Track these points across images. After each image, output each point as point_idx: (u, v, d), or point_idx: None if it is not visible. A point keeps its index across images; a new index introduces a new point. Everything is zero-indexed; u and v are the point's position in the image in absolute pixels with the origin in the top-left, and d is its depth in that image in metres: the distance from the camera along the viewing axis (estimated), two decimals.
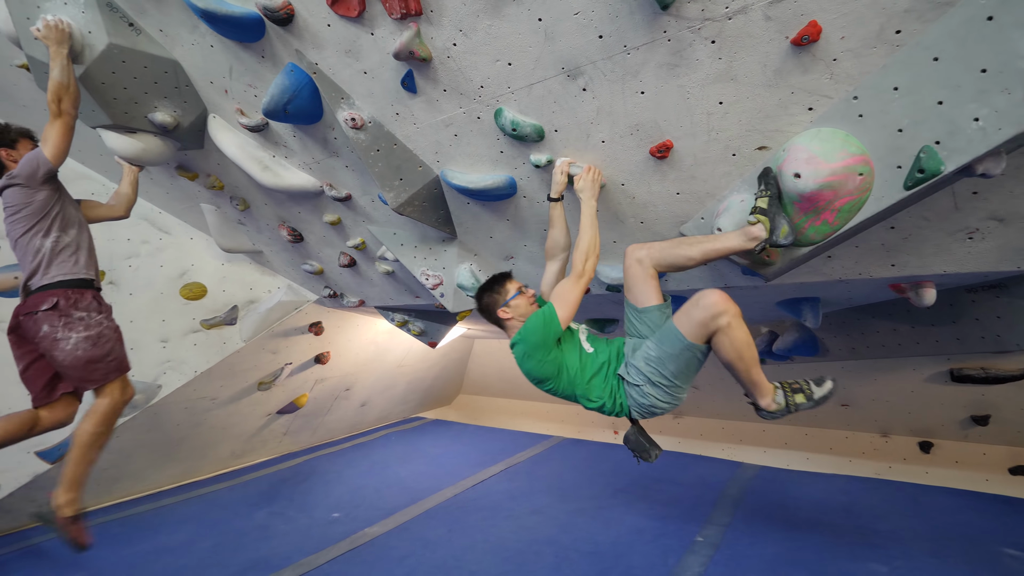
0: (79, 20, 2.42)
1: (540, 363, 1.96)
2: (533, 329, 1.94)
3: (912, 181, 1.52)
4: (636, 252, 1.98)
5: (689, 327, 1.80)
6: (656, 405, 1.93)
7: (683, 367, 1.85)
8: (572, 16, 1.74)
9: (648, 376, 1.89)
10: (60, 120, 2.32)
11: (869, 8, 1.43)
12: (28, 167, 2.33)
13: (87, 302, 2.40)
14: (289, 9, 2.10)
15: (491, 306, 2.11)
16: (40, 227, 2.37)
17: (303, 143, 2.78)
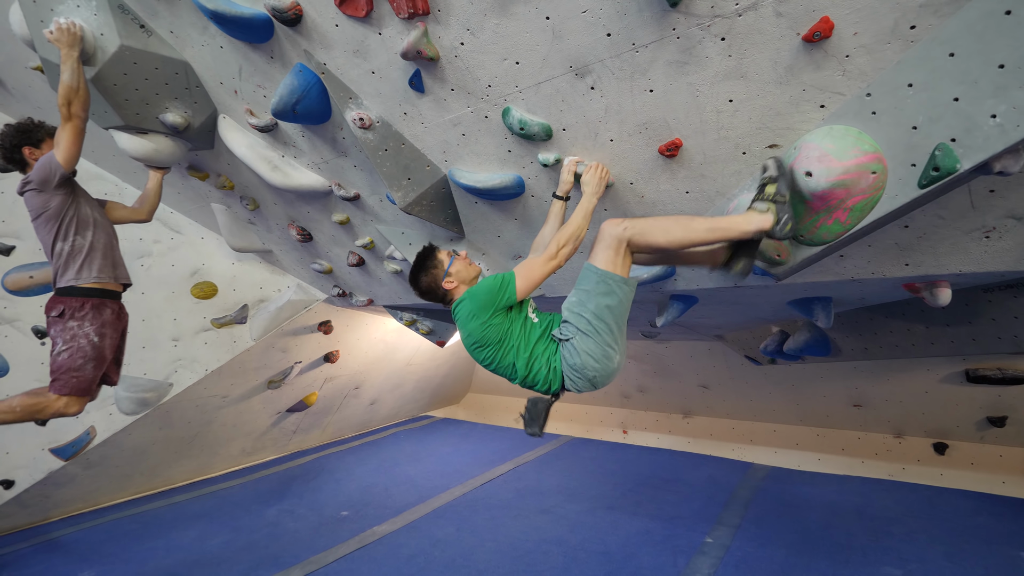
0: (91, 22, 2.45)
1: (484, 325, 1.87)
2: (486, 288, 1.87)
3: (927, 179, 1.49)
4: (616, 225, 1.82)
5: (599, 257, 1.81)
6: (586, 364, 1.81)
7: (605, 304, 1.79)
8: (580, 14, 1.73)
9: (575, 323, 1.84)
10: (70, 124, 2.34)
11: (883, 3, 1.41)
12: (41, 172, 2.38)
13: (83, 313, 2.46)
14: (297, 10, 2.10)
15: (434, 283, 2.01)
16: (59, 231, 2.44)
17: (312, 143, 2.79)
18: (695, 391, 5.64)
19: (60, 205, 2.43)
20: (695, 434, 5.88)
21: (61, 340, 2.42)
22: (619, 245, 1.78)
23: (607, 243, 1.79)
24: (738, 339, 4.22)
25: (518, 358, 1.92)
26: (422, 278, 2.04)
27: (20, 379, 3.86)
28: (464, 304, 1.92)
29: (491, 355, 1.94)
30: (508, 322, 1.91)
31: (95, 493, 4.27)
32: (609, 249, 1.79)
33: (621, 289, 1.81)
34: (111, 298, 2.61)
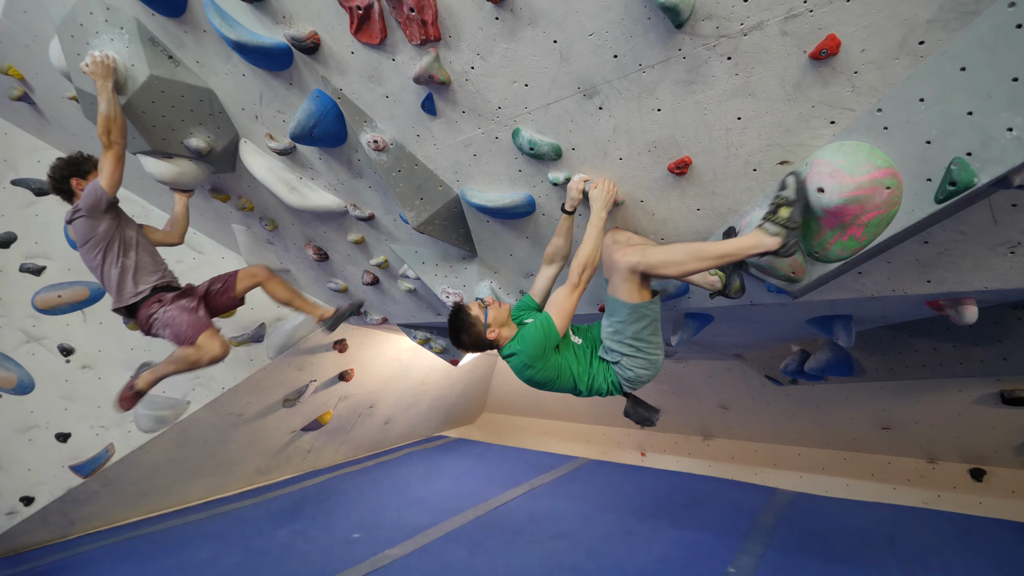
0: (124, 54, 2.58)
1: (540, 371, 2.06)
2: (533, 342, 2.02)
3: (944, 194, 1.46)
4: (629, 258, 1.91)
5: (621, 291, 1.95)
6: (640, 375, 2.06)
7: (640, 328, 1.98)
8: (587, 37, 1.76)
9: (619, 350, 2.04)
10: (111, 151, 2.49)
11: (889, 20, 1.40)
12: (90, 199, 2.53)
13: (152, 311, 2.70)
14: (315, 38, 2.18)
15: (479, 338, 2.11)
16: (107, 254, 2.62)
17: (328, 165, 2.86)
18: (715, 412, 5.51)
19: (107, 230, 2.60)
20: (716, 457, 5.72)
21: (164, 331, 2.69)
22: (636, 276, 1.92)
23: (624, 276, 1.92)
24: (758, 358, 4.12)
25: (579, 381, 2.12)
26: (465, 338, 2.13)
27: (45, 396, 3.97)
28: (516, 359, 2.07)
29: (552, 386, 2.13)
30: (558, 356, 2.09)
31: (112, 511, 4.32)
32: (627, 282, 1.92)
33: (651, 311, 2.00)
34: (171, 290, 2.83)
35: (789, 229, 1.66)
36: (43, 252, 4.01)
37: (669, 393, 5.69)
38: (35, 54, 3.12)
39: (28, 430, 3.90)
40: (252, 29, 2.29)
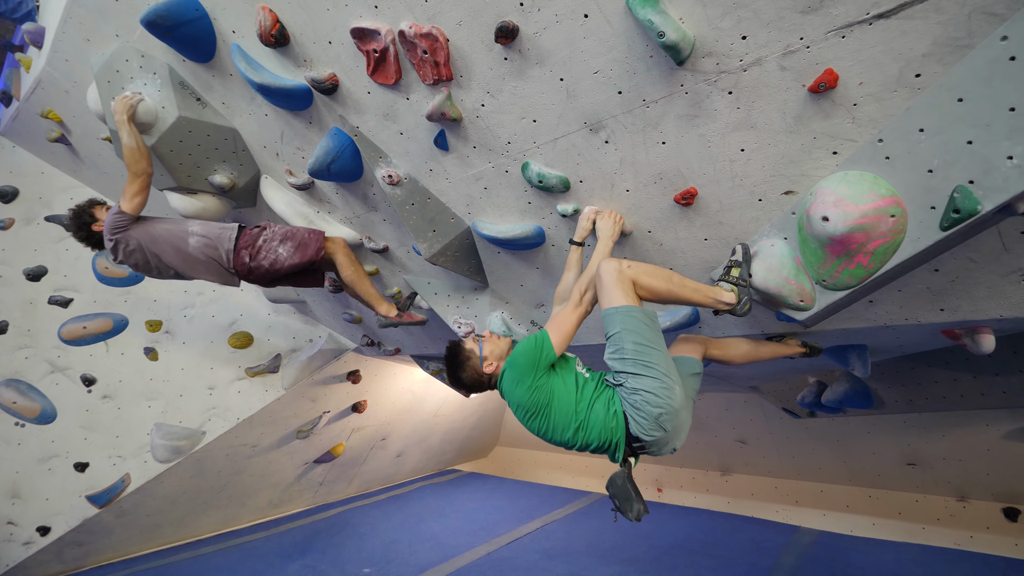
0: (155, 97, 2.74)
1: (531, 389, 1.82)
2: (524, 351, 1.84)
3: (948, 222, 1.47)
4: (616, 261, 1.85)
5: (613, 295, 1.79)
6: (648, 400, 1.72)
7: (640, 336, 1.75)
8: (592, 75, 1.83)
9: (623, 369, 1.77)
10: (139, 178, 2.61)
11: (885, 54, 1.45)
12: (108, 225, 2.64)
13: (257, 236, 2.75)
14: (334, 80, 2.30)
15: (475, 373, 1.96)
16: (167, 251, 2.69)
17: (345, 199, 2.96)
18: (732, 446, 5.37)
19: (142, 234, 2.66)
20: (735, 493, 5.53)
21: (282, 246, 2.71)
22: (625, 280, 1.80)
23: (613, 280, 1.80)
24: (774, 390, 4.04)
25: (575, 414, 1.83)
26: (462, 375, 1.99)
27: (66, 425, 4.04)
28: (507, 374, 1.89)
29: (544, 422, 1.85)
30: (554, 379, 1.86)
31: (125, 543, 4.31)
32: (617, 287, 1.79)
33: (646, 316, 1.80)
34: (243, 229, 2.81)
35: (740, 286, 1.89)
36: (72, 285, 4.16)
37: None
38: (74, 99, 3.32)
39: (48, 459, 3.96)
40: (275, 72, 2.43)
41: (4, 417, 3.95)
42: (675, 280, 1.89)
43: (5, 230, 4.13)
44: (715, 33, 1.58)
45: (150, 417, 4.18)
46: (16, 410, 3.95)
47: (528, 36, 1.82)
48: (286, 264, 2.70)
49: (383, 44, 2.04)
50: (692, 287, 1.90)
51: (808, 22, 1.47)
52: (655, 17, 1.55)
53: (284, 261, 2.70)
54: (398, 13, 1.96)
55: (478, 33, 1.89)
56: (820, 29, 1.47)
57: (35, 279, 4.13)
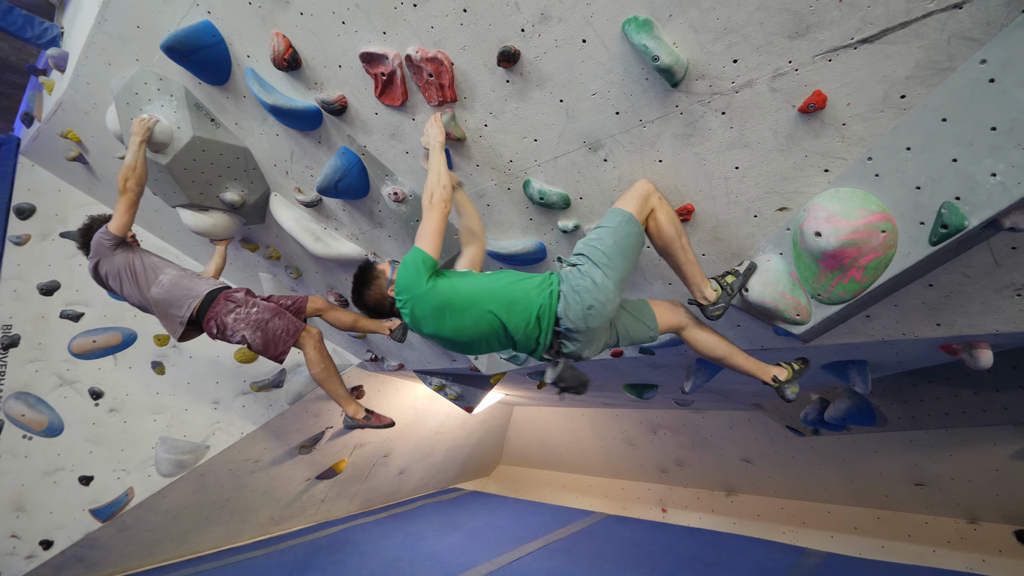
0: (171, 118, 2.84)
1: (423, 300, 1.79)
2: (402, 266, 1.85)
3: (937, 236, 1.50)
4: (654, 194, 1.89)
5: (627, 200, 1.85)
6: (589, 289, 1.71)
7: (622, 242, 1.77)
8: (590, 96, 1.90)
9: (590, 256, 1.76)
10: (125, 197, 2.62)
11: (870, 76, 1.51)
12: (94, 244, 2.66)
13: (230, 310, 2.63)
14: (343, 101, 2.39)
15: (379, 294, 1.98)
16: (139, 281, 2.67)
17: (351, 215, 3.04)
18: (737, 466, 5.32)
19: (124, 260, 2.67)
20: (740, 514, 5.46)
21: (251, 333, 2.60)
22: (648, 203, 1.86)
23: (640, 195, 1.85)
24: (778, 408, 4.03)
25: (489, 292, 1.80)
26: (367, 293, 2.01)
27: (72, 439, 4.07)
28: (407, 306, 1.84)
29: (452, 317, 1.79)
30: (450, 279, 1.84)
31: (126, 558, 4.30)
32: (638, 201, 1.84)
33: (639, 236, 1.83)
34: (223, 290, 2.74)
35: (725, 292, 1.94)
36: (83, 300, 4.24)
37: (689, 445, 5.53)
38: (93, 120, 3.44)
39: (53, 472, 3.98)
40: (287, 94, 2.53)
41: (12, 430, 3.99)
42: (683, 240, 1.90)
43: (21, 246, 4.24)
44: (707, 57, 1.65)
45: (155, 431, 4.21)
46: (24, 423, 3.99)
47: (529, 60, 1.90)
48: (249, 349, 2.68)
49: (391, 68, 2.13)
50: (692, 259, 1.91)
51: (796, 47, 1.54)
52: (650, 42, 1.62)
53: (247, 344, 2.65)
54: (405, 39, 2.05)
55: (481, 57, 1.97)
56: (807, 53, 1.53)
57: (48, 293, 4.22)
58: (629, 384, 3.84)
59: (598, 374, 3.70)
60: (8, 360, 4.08)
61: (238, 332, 2.60)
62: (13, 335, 4.10)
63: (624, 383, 3.89)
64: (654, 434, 5.76)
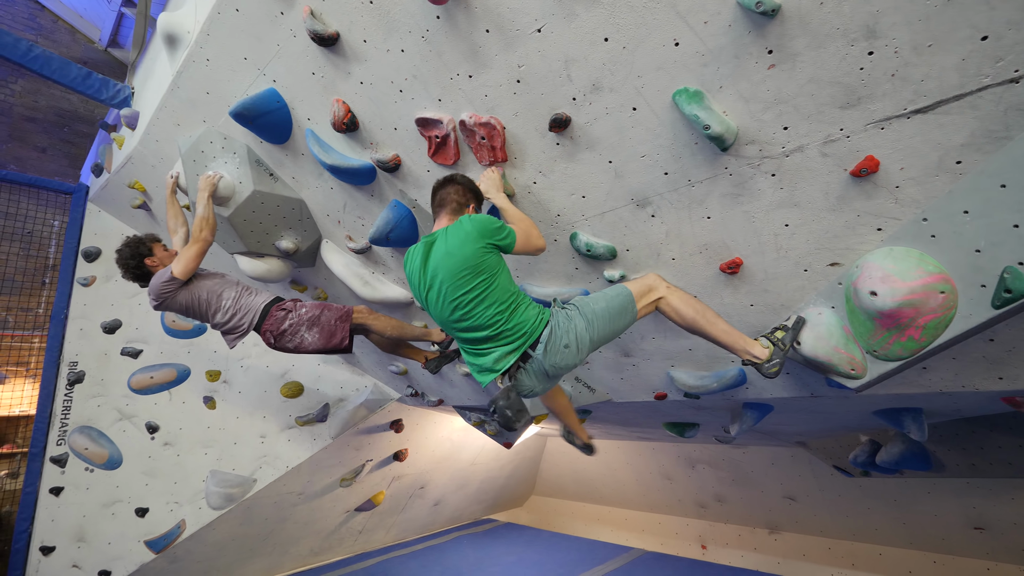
0: (234, 174, 3.03)
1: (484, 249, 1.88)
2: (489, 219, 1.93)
3: (1000, 301, 1.50)
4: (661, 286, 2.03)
5: (636, 289, 2.00)
6: (566, 335, 1.87)
7: (610, 310, 1.93)
8: (639, 158, 1.97)
9: (580, 308, 1.93)
10: (198, 245, 2.70)
11: (924, 143, 1.53)
12: (156, 290, 2.68)
13: (283, 317, 2.74)
14: (397, 160, 2.52)
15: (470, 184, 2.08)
16: (207, 315, 2.76)
17: (400, 261, 3.16)
18: (780, 503, 5.16)
19: (187, 298, 2.71)
20: (785, 553, 5.28)
21: (308, 332, 2.73)
22: (653, 295, 2.02)
23: (646, 283, 2.04)
24: (823, 447, 3.93)
25: (513, 294, 1.93)
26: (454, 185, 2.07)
27: (130, 471, 4.26)
28: (464, 227, 1.89)
29: (486, 283, 1.87)
30: (502, 261, 1.95)
31: None
32: (643, 287, 2.02)
33: (630, 320, 1.99)
34: (276, 302, 2.83)
35: (777, 348, 1.94)
36: (142, 337, 4.47)
37: (729, 481, 5.41)
38: (158, 172, 3.69)
39: (112, 504, 4.16)
40: (343, 153, 2.68)
41: (76, 463, 4.20)
42: (707, 315, 1.98)
43: (87, 287, 4.52)
44: (757, 124, 1.71)
45: (206, 464, 4.36)
46: (87, 456, 4.20)
47: (579, 125, 1.99)
48: (311, 348, 2.76)
49: (444, 131, 2.25)
50: (724, 328, 1.97)
51: (847, 116, 1.58)
52: (701, 113, 1.69)
53: (309, 346, 2.74)
54: (459, 105, 2.17)
55: (533, 123, 2.07)
56: (859, 122, 1.57)
57: (111, 332, 4.47)
58: (670, 423, 3.82)
59: (639, 413, 3.69)
60: (74, 395, 4.32)
61: (298, 335, 2.73)
62: (79, 371, 4.34)
63: (665, 421, 3.86)
64: (692, 468, 5.65)
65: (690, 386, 2.64)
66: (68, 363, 4.37)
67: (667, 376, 2.81)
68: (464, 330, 1.94)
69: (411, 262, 2.04)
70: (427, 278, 1.96)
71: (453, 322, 1.95)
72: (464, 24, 1.91)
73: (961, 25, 1.32)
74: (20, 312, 4.97)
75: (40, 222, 5.03)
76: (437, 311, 1.97)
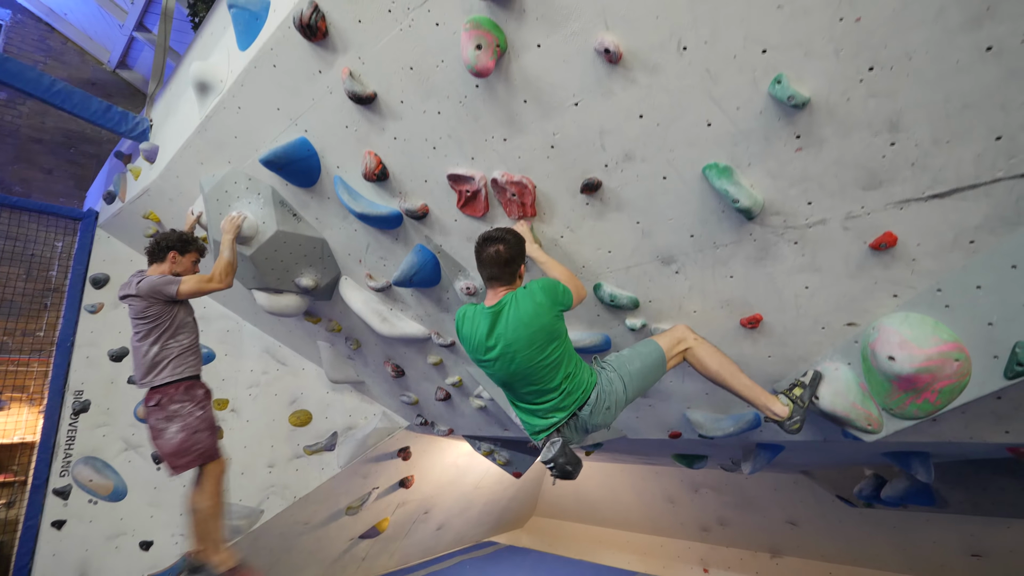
0: (258, 214, 3.08)
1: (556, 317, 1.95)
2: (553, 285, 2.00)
3: (1012, 373, 1.61)
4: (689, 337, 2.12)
5: (665, 343, 2.09)
6: (611, 395, 1.98)
7: (644, 371, 2.04)
8: (667, 220, 2.07)
9: (619, 369, 2.03)
10: (217, 285, 2.73)
11: (941, 223, 1.64)
12: (151, 289, 2.58)
13: (180, 394, 2.62)
14: (425, 209, 2.60)
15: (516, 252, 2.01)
16: (151, 335, 2.62)
17: (419, 300, 3.22)
18: (782, 527, 5.26)
19: (159, 313, 2.63)
20: None
21: (169, 425, 2.57)
22: (681, 346, 2.11)
23: (675, 336, 2.12)
24: (827, 476, 4.03)
25: (574, 356, 2.02)
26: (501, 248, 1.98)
27: (135, 503, 4.22)
28: (538, 291, 1.93)
29: (560, 348, 1.94)
30: (563, 324, 2.01)
31: None
32: (673, 341, 2.11)
33: (661, 374, 2.10)
34: (198, 379, 2.78)
35: (797, 406, 2.03)
36: None
37: (732, 505, 5.49)
38: (176, 205, 3.72)
39: (116, 537, 4.12)
40: (370, 199, 2.75)
41: (79, 494, 4.16)
42: (730, 369, 2.08)
43: (95, 314, 4.50)
44: (783, 198, 1.81)
45: None
46: (91, 487, 4.16)
47: (610, 188, 2.08)
48: (159, 442, 2.62)
49: (476, 187, 2.33)
50: (746, 383, 2.07)
51: (868, 196, 1.69)
52: (730, 188, 1.79)
53: (161, 439, 2.61)
54: (492, 163, 2.26)
55: (564, 184, 2.16)
56: (880, 202, 1.68)
57: (118, 360, 4.45)
58: (679, 455, 3.89)
59: (650, 447, 3.77)
60: (79, 425, 4.28)
61: (167, 420, 2.57)
62: (84, 400, 4.31)
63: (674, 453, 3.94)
64: (695, 492, 5.73)
65: (706, 428, 2.73)
66: (73, 391, 4.34)
67: (683, 417, 2.89)
68: (530, 393, 2.00)
69: (471, 327, 2.03)
70: (493, 344, 1.95)
71: (518, 383, 2.00)
72: (503, 94, 2.00)
73: (978, 125, 1.44)
74: (20, 336, 4.92)
75: (42, 243, 4.99)
76: (501, 375, 2.01)
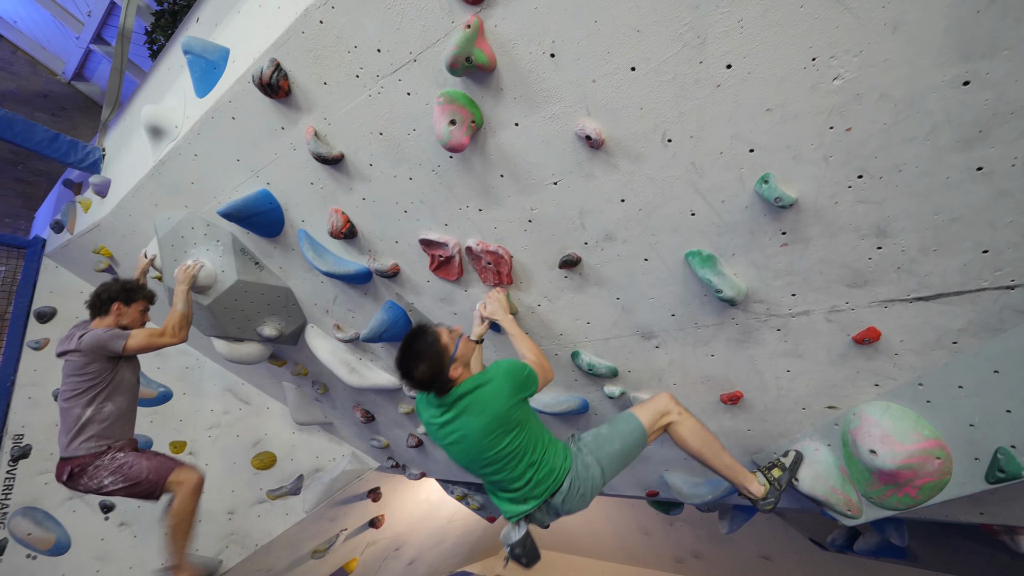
0: (216, 262, 2.90)
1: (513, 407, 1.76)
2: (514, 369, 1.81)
3: (993, 478, 1.58)
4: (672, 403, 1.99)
5: (643, 411, 1.97)
6: (586, 482, 1.85)
7: (627, 449, 1.92)
8: (648, 299, 2.00)
9: (597, 452, 1.90)
10: (165, 338, 2.52)
11: (924, 324, 1.61)
12: (95, 343, 2.39)
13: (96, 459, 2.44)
14: (396, 269, 2.47)
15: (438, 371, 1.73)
16: (86, 394, 2.42)
17: (389, 351, 3.08)
18: (756, 562, 5.27)
19: (99, 371, 2.44)
20: None
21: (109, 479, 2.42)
22: (664, 420, 1.97)
23: (658, 410, 1.98)
24: (800, 519, 4.04)
25: (540, 441, 1.83)
26: (423, 368, 1.70)
27: (79, 556, 3.93)
28: (492, 384, 1.73)
29: (519, 438, 1.76)
30: (528, 408, 1.87)
31: None
32: (656, 414, 1.97)
33: (641, 450, 1.97)
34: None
35: (773, 488, 1.99)
36: None
37: (706, 538, 5.49)
38: (129, 242, 3.49)
39: None
40: (338, 255, 2.61)
41: (16, 548, 3.85)
42: (713, 448, 1.98)
43: (39, 350, 4.20)
44: (766, 288, 1.76)
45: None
46: (30, 542, 3.85)
47: (589, 265, 2.00)
48: (108, 490, 2.45)
49: (449, 253, 2.22)
50: (727, 463, 1.99)
51: (853, 293, 1.65)
52: (714, 278, 1.72)
53: (107, 487, 2.45)
54: (466, 231, 2.15)
55: (542, 257, 2.07)
56: (864, 299, 1.64)
57: None
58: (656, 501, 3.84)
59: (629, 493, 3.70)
60: (17, 472, 3.98)
61: (97, 479, 2.42)
62: (24, 445, 4.01)
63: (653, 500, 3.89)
64: (670, 524, 5.71)
65: (684, 494, 2.67)
66: (12, 435, 4.03)
67: (661, 478, 2.83)
68: (496, 482, 1.87)
69: (427, 414, 1.89)
70: (450, 431, 1.79)
71: (482, 471, 1.85)
72: (479, 167, 1.90)
73: (965, 238, 1.40)
74: None
75: None
76: (462, 463, 1.86)
